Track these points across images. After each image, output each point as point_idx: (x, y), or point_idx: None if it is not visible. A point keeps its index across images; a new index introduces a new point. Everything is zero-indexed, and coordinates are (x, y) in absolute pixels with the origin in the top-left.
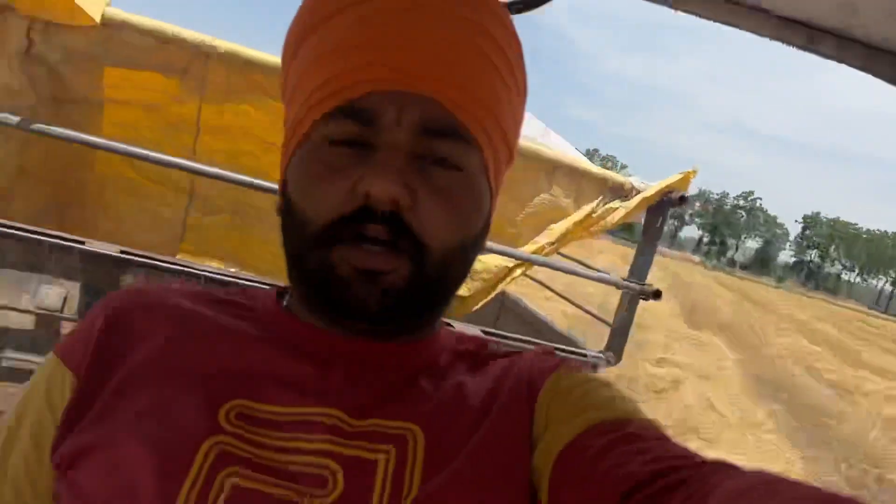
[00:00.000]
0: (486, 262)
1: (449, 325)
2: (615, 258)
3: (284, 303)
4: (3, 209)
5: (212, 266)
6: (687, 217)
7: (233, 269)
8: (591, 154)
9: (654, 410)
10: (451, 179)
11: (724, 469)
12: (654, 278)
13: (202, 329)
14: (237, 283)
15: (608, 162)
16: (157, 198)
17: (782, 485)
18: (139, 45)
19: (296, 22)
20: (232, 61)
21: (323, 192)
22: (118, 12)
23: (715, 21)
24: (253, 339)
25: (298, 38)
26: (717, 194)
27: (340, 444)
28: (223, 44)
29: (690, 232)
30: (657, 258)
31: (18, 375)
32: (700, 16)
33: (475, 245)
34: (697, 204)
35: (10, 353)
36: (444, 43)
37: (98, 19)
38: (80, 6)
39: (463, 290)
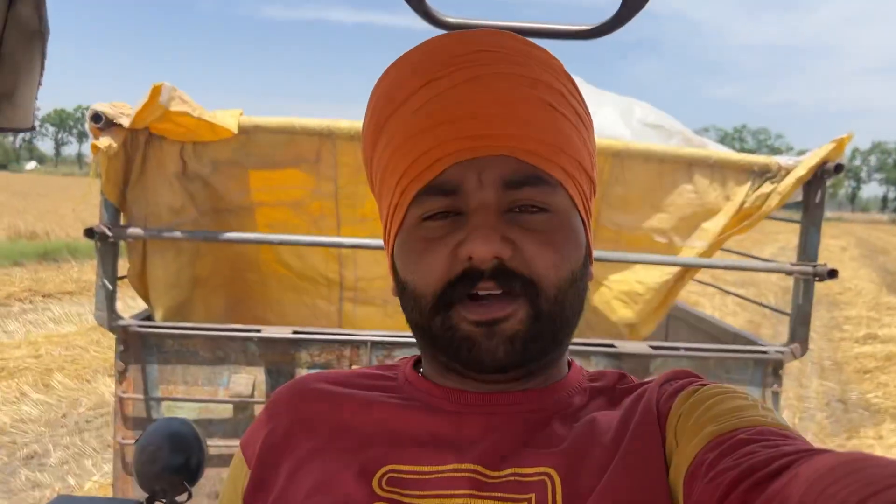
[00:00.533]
0: (647, 282)
1: (610, 346)
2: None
3: (421, 370)
4: (186, 316)
5: (374, 331)
6: (864, 175)
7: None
8: (739, 131)
9: (866, 393)
10: (543, 221)
11: (819, 454)
12: (837, 248)
13: (351, 407)
14: (399, 343)
15: (761, 135)
16: (312, 292)
17: (869, 462)
18: (272, 142)
19: (369, 117)
20: (355, 137)
21: (427, 265)
22: (250, 118)
23: None
24: (395, 406)
25: (375, 132)
26: None
27: (481, 497)
28: (345, 123)
29: (872, 190)
30: (840, 225)
31: (227, 460)
32: None
33: (583, 276)
34: (874, 158)
35: (217, 441)
36: (504, 103)
37: (235, 129)
38: (218, 124)
39: (631, 317)
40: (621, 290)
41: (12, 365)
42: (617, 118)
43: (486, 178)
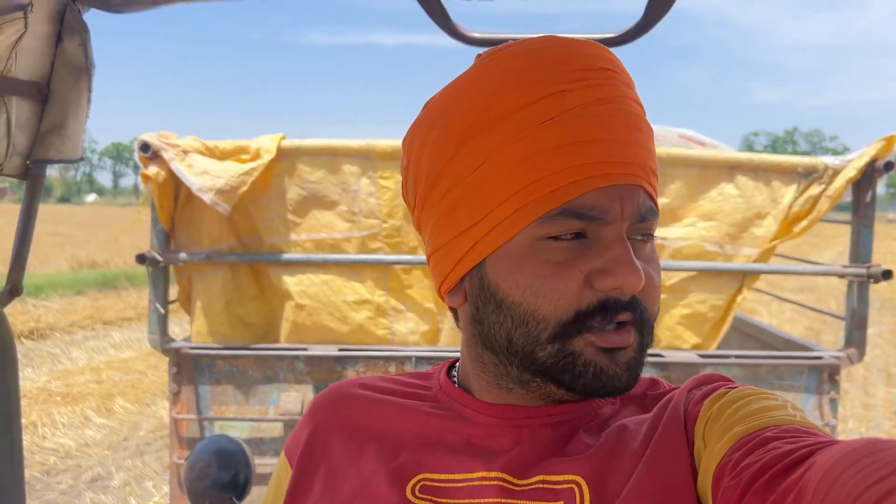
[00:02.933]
0: (709, 301)
1: (658, 355)
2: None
3: (456, 377)
4: (221, 339)
5: (419, 347)
6: None
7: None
8: (791, 134)
9: None
10: (650, 251)
11: (837, 443)
12: (892, 250)
13: (387, 414)
14: (444, 358)
15: (814, 137)
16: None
17: (882, 446)
18: (314, 164)
19: (458, 115)
20: (394, 156)
21: (553, 290)
22: (291, 142)
23: None
24: (429, 415)
25: (466, 131)
26: None
27: None
28: (384, 142)
29: None
30: None
31: None
32: None
33: None
34: None
35: (267, 460)
36: (635, 130)
37: (273, 153)
38: (262, 165)
39: (698, 340)
40: (683, 315)
41: (76, 390)
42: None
43: (627, 208)
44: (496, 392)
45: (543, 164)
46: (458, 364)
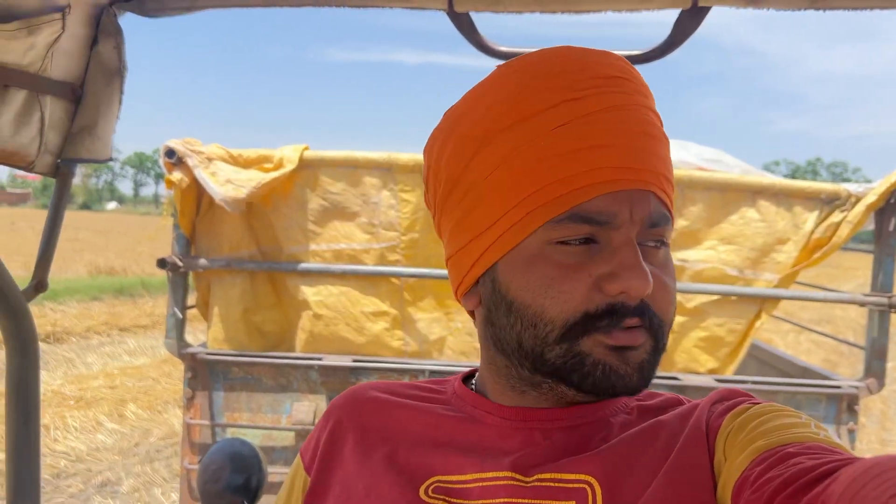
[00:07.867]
0: (726, 325)
1: (674, 378)
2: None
3: (473, 384)
4: (237, 346)
5: (432, 360)
6: None
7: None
8: (812, 164)
9: None
10: (664, 257)
11: (863, 459)
12: None
13: (401, 417)
14: (457, 372)
15: (836, 167)
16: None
17: None
18: (335, 175)
19: (474, 120)
20: (415, 170)
21: (561, 292)
22: (314, 152)
23: (871, 8)
24: (441, 417)
25: (483, 137)
26: None
27: (521, 503)
28: (406, 155)
29: None
30: None
31: None
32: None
33: None
34: None
35: (278, 469)
36: (648, 137)
37: (295, 163)
38: (285, 175)
39: (714, 364)
40: (701, 338)
41: (90, 395)
42: (673, 155)
43: (637, 213)
44: (510, 395)
45: (554, 169)
46: (477, 373)
